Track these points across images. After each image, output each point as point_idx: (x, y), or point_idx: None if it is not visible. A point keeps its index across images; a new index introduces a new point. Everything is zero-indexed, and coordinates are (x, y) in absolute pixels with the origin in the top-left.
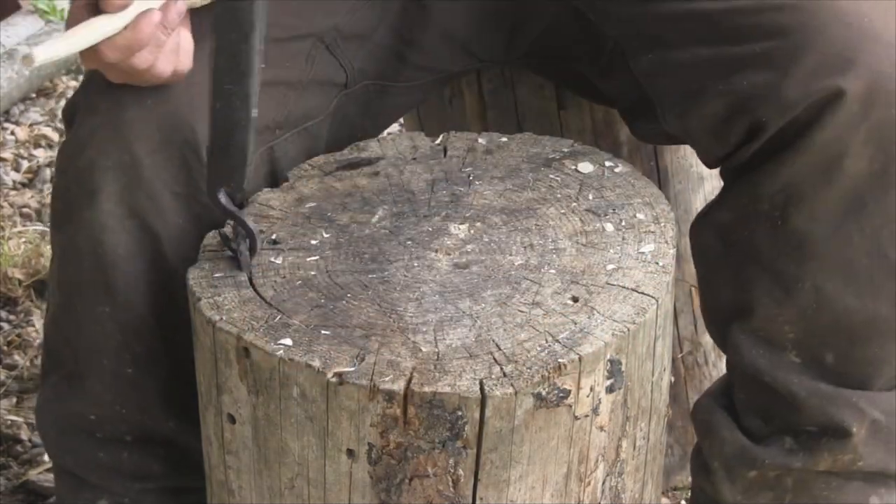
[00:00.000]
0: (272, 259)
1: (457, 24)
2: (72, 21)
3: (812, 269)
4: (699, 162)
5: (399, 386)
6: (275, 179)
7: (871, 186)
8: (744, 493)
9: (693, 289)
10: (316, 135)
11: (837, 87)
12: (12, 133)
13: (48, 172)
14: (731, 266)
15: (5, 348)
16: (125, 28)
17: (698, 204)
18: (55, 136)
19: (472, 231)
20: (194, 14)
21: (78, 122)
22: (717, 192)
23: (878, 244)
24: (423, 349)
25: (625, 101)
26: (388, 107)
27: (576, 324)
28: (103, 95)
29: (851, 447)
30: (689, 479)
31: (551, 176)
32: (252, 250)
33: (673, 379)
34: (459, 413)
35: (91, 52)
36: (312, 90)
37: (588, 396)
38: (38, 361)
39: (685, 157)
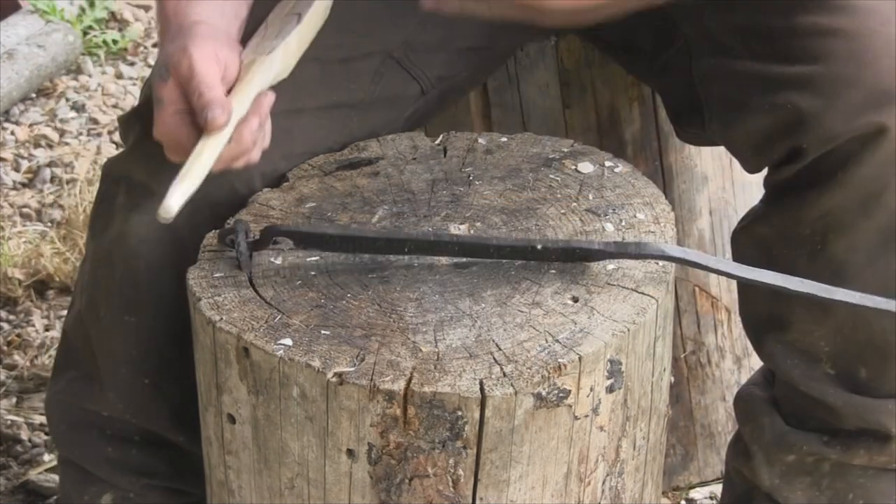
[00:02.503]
0: (272, 259)
1: None
2: (163, 128)
3: None
4: (703, 162)
5: (399, 386)
6: None
7: None
8: (781, 477)
9: (696, 288)
10: None
11: (881, 124)
12: (12, 133)
13: (48, 172)
14: None
15: (5, 348)
16: (229, 141)
17: (702, 204)
18: (55, 136)
19: (472, 231)
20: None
21: (133, 140)
22: (721, 192)
23: None
24: (423, 349)
25: (674, 101)
26: (458, 94)
27: (576, 324)
28: None
29: (890, 450)
30: (691, 479)
31: (551, 176)
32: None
33: (674, 379)
34: (459, 413)
35: None
36: (379, 108)
37: (588, 396)
38: (38, 361)
39: (689, 157)
